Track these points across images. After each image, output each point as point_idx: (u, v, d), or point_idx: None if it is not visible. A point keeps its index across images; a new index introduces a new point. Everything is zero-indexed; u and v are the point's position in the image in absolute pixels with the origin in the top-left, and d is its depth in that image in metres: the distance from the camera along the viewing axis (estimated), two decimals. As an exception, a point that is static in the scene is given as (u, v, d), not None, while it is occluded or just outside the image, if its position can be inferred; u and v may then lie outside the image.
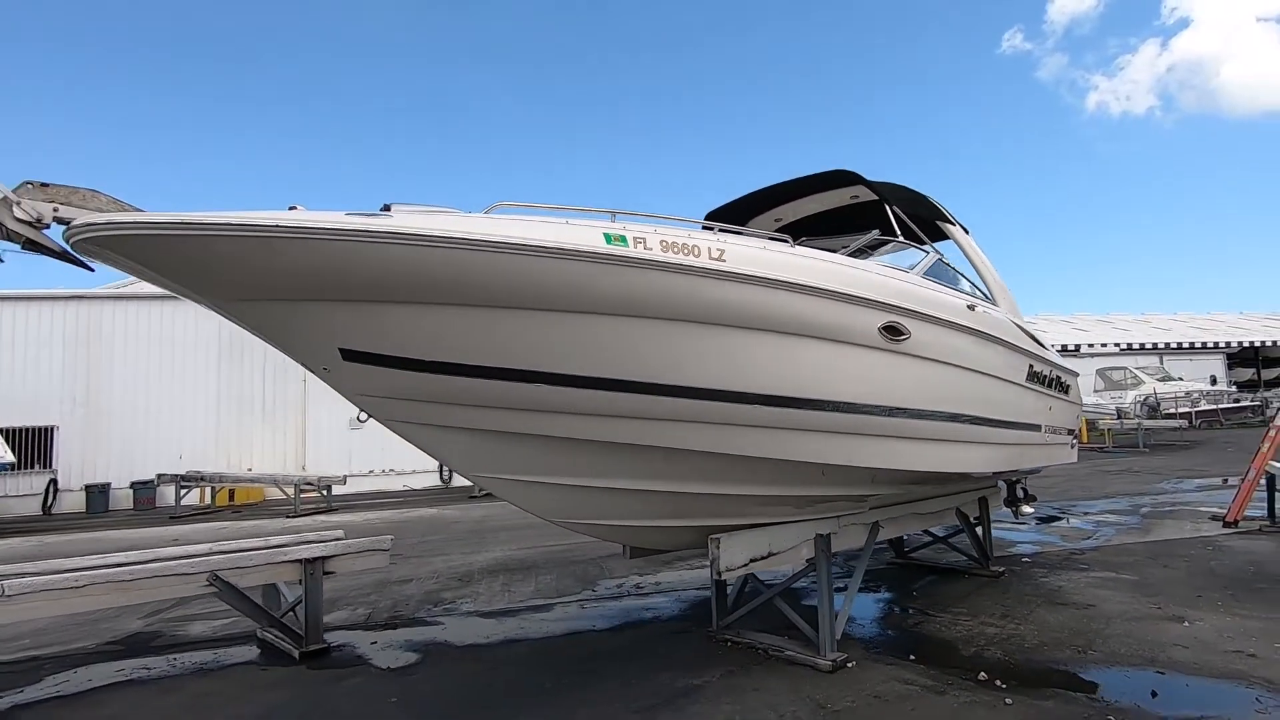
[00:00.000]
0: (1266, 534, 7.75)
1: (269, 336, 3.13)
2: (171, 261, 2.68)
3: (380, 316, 2.94)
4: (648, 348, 3.21)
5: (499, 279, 2.88)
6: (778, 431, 3.62)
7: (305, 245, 2.64)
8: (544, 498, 3.66)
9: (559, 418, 3.30)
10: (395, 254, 2.73)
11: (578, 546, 8.98)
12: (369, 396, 3.28)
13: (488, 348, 3.05)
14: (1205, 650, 4.37)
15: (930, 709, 3.71)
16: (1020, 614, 5.28)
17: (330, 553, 5.25)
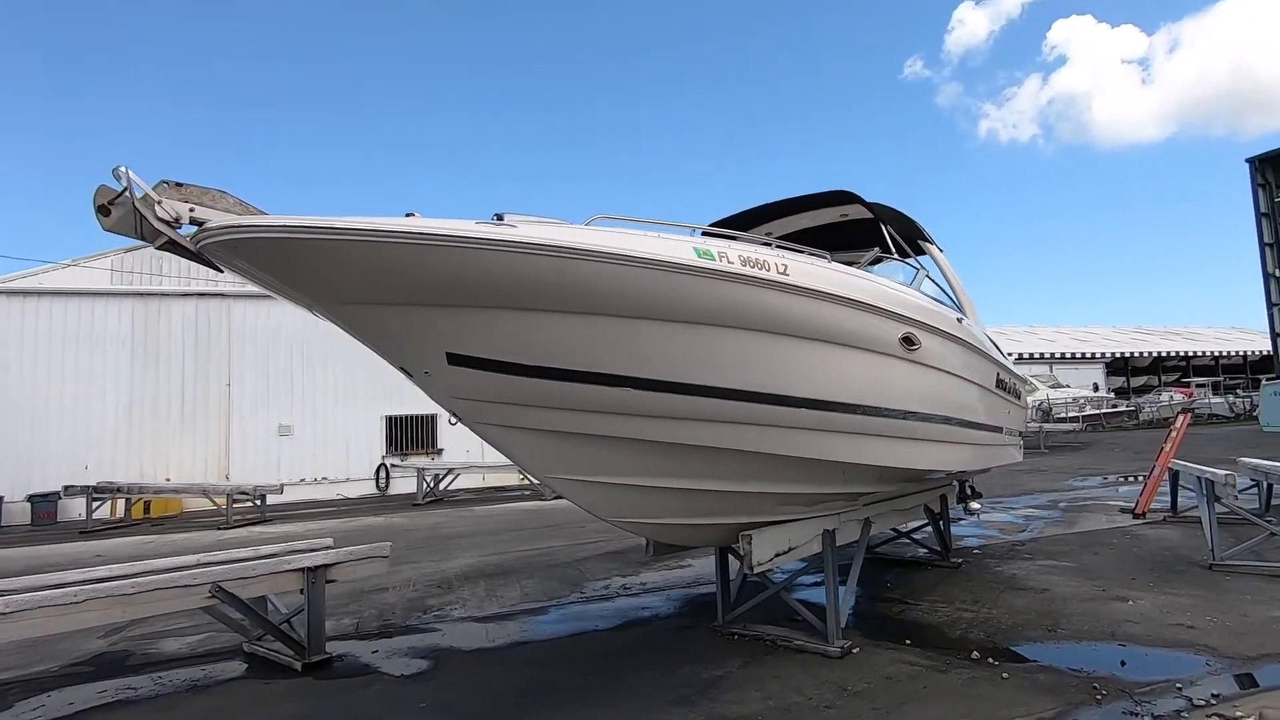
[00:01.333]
0: (1171, 524, 8.75)
1: (369, 338, 3.15)
2: (301, 266, 2.66)
3: (492, 322, 3.00)
4: (721, 355, 3.41)
5: (605, 287, 3.01)
6: (816, 433, 3.90)
7: (442, 253, 2.68)
8: (606, 497, 3.78)
9: (636, 420, 3.45)
10: (522, 262, 2.81)
11: (550, 551, 9.04)
12: (465, 399, 3.32)
13: (584, 353, 3.17)
14: (1153, 625, 4.99)
15: (940, 686, 4.08)
16: (989, 599, 5.81)
17: (333, 560, 5.14)
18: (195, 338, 17.29)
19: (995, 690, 3.98)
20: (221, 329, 17.50)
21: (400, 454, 18.22)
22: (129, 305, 16.98)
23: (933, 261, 6.03)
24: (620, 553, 8.71)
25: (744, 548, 4.22)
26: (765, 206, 5.67)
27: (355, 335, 3.19)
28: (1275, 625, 4.86)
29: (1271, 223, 27.99)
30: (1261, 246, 28.24)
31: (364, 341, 3.23)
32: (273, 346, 17.71)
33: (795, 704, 3.91)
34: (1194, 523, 8.55)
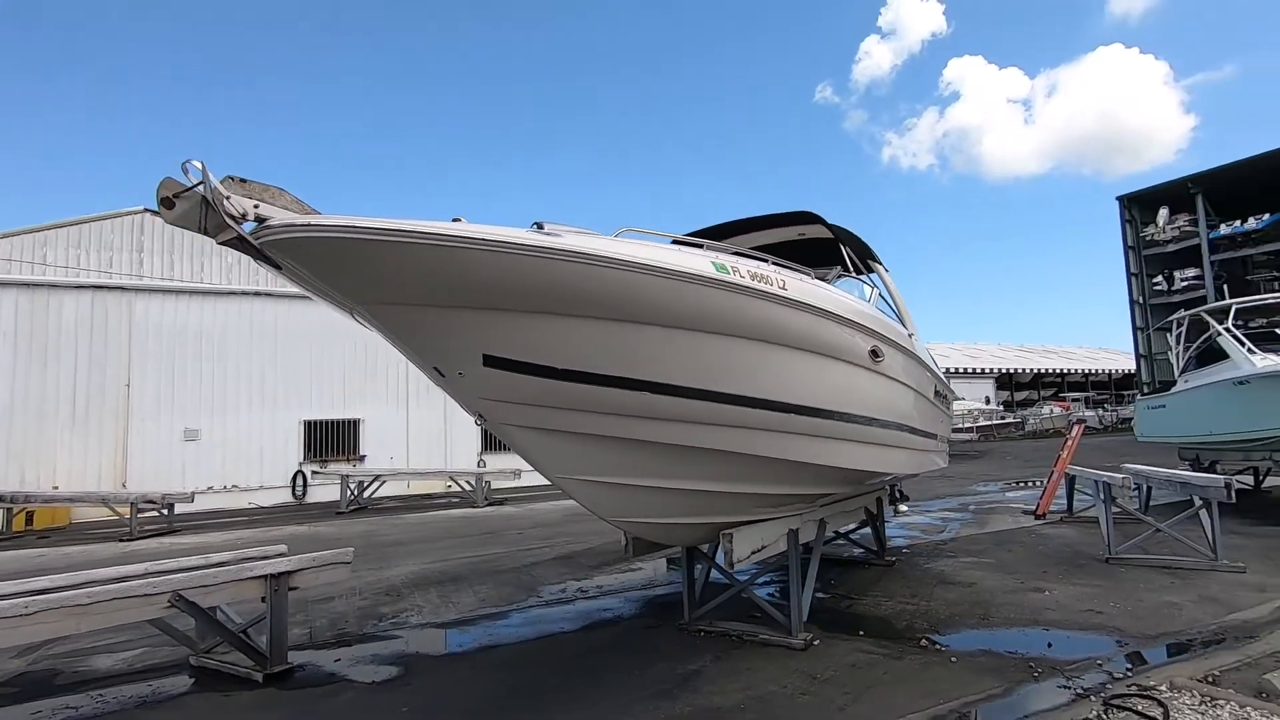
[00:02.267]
0: (1068, 523, 9.70)
1: (407, 338, 3.15)
2: (364, 267, 2.66)
3: (531, 327, 3.07)
4: (728, 362, 3.62)
5: (635, 295, 3.15)
6: (801, 437, 4.18)
7: (499, 258, 2.74)
8: (612, 497, 3.90)
9: (650, 423, 3.59)
10: (569, 270, 2.91)
11: (496, 557, 8.98)
12: (493, 401, 3.35)
13: (610, 357, 3.29)
14: (1068, 612, 5.58)
15: (899, 671, 4.44)
16: (925, 593, 6.30)
17: (296, 566, 4.99)
18: (90, 333, 15.90)
19: (947, 673, 4.38)
20: (121, 325, 16.19)
21: (320, 460, 17.42)
22: (11, 296, 15.44)
23: (880, 280, 6.52)
24: (568, 558, 8.78)
25: (725, 545, 4.44)
26: (733, 223, 5.97)
27: (393, 336, 3.20)
28: (1166, 609, 5.56)
29: (1137, 255, 31.16)
30: (1128, 276, 31.39)
31: (400, 341, 3.23)
32: (180, 344, 16.54)
33: (771, 693, 4.16)
34: (1088, 522, 9.52)
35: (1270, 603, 5.64)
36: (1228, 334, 10.31)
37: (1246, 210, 28.52)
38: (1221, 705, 3.63)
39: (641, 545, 5.26)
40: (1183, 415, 11.62)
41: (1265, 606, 5.54)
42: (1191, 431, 11.43)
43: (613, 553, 9.00)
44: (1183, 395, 11.66)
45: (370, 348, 18.45)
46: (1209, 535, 6.93)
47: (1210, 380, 10.60)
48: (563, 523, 11.92)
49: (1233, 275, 29.90)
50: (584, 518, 12.36)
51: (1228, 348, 10.25)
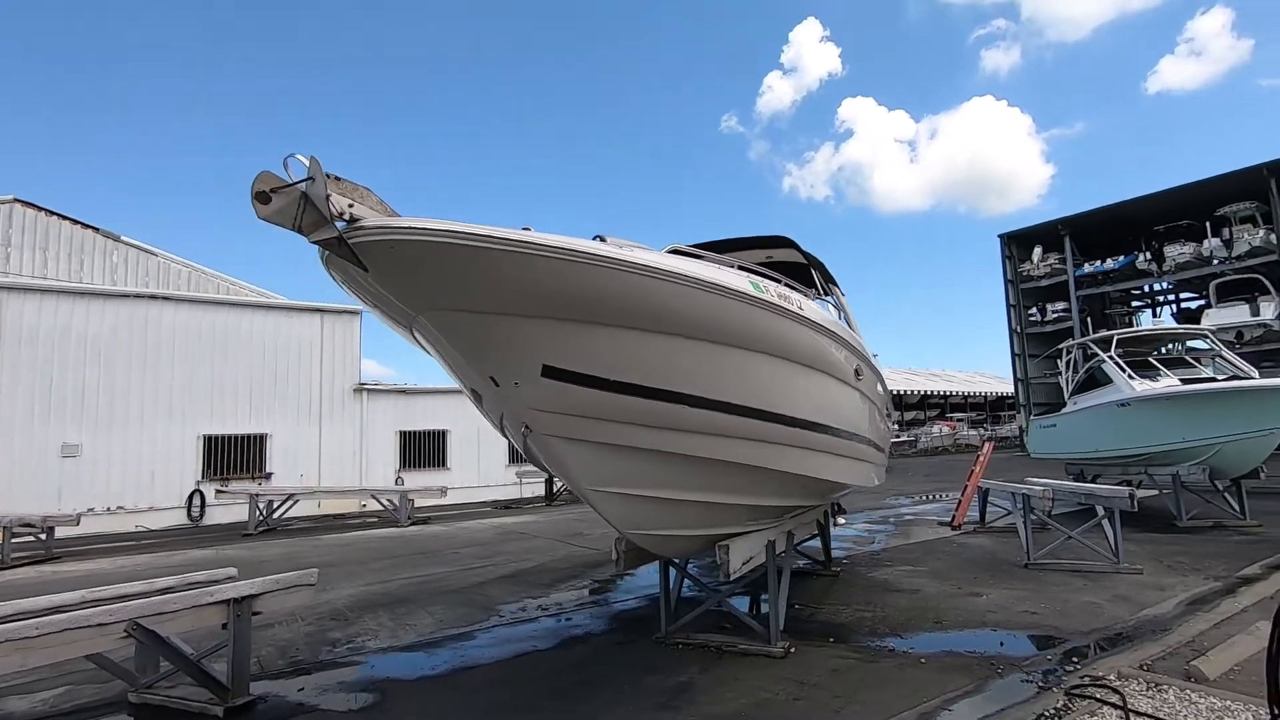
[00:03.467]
0: (981, 533, 10.51)
1: (469, 347, 3.05)
2: (452, 272, 2.57)
3: (592, 338, 3.05)
4: (753, 377, 3.74)
5: (687, 310, 3.21)
6: (802, 451, 4.37)
7: (582, 269, 2.72)
8: (636, 510, 3.90)
9: (683, 436, 3.64)
10: (638, 284, 2.92)
11: (440, 577, 8.67)
12: (544, 412, 3.29)
13: (653, 369, 3.32)
14: (1008, 613, 6.07)
15: (877, 674, 4.69)
16: (878, 601, 6.66)
17: (260, 590, 4.66)
18: (-51, 336, 14.08)
19: (921, 674, 4.67)
20: (-13, 327, 14.43)
21: (220, 479, 16.11)
22: None
23: (840, 303, 6.91)
24: (516, 576, 8.60)
25: (722, 556, 4.55)
26: (711, 243, 6.16)
27: (459, 345, 3.10)
28: (1090, 608, 6.15)
29: (1015, 288, 34.39)
30: (1008, 307, 34.57)
31: (464, 351, 3.15)
32: (59, 350, 14.90)
33: (767, 700, 4.29)
34: (1000, 532, 10.36)
35: (1171, 599, 6.36)
36: (1111, 362, 11.59)
37: (1105, 252, 32.18)
38: (1165, 689, 4.09)
39: (633, 558, 5.27)
40: (1071, 434, 12.90)
41: (1168, 603, 6.25)
42: (1079, 448, 12.71)
43: (562, 569, 8.92)
44: (1072, 416, 12.96)
45: (281, 358, 17.39)
46: (1111, 542, 7.72)
47: (1096, 403, 11.85)
48: (497, 541, 11.66)
49: (1094, 309, 33.61)
50: (519, 536, 12.18)
51: (1111, 374, 11.51)
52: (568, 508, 17.09)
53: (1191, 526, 10.13)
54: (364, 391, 18.28)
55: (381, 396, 18.67)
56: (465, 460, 19.59)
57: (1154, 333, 12.80)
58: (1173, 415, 10.18)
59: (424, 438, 19.20)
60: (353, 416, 17.92)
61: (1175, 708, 3.84)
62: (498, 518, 15.33)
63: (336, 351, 18.06)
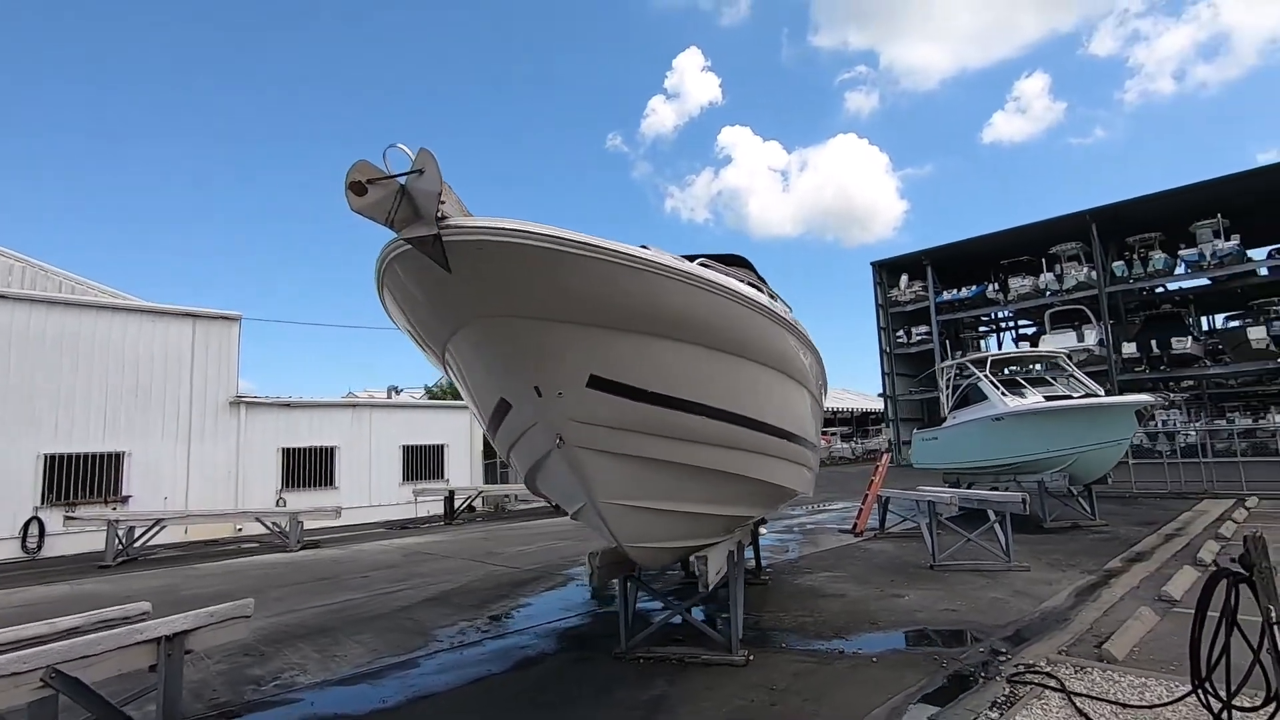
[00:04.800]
0: (881, 539, 11.26)
1: (524, 356, 2.90)
2: (537, 278, 2.42)
3: (640, 348, 2.98)
4: (761, 390, 3.81)
5: (725, 323, 3.23)
6: (776, 460, 4.50)
7: (649, 278, 2.65)
8: (644, 522, 3.84)
9: (699, 448, 3.63)
10: (693, 295, 2.90)
11: (354, 604, 8.10)
12: (581, 423, 3.15)
13: (683, 381, 3.29)
14: (932, 611, 6.56)
15: (837, 675, 4.92)
16: (812, 606, 6.97)
17: (192, 625, 4.17)
18: None
19: (876, 672, 4.95)
20: None
21: (66, 503, 14.08)
22: None
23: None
24: (440, 599, 8.20)
25: (700, 568, 4.61)
26: None
27: (511, 350, 2.94)
28: (998, 603, 6.78)
29: (885, 312, 37.30)
30: (879, 329, 37.42)
31: (512, 357, 2.98)
32: None
33: (745, 707, 4.39)
34: (898, 537, 11.15)
35: (1061, 591, 7.14)
36: (987, 380, 12.89)
37: (961, 281, 35.71)
38: (1090, 671, 4.60)
39: (606, 573, 5.20)
40: (950, 446, 14.17)
41: (1060, 595, 7.01)
42: (957, 459, 13.97)
43: (487, 590, 8.61)
44: (952, 430, 14.24)
45: (144, 367, 15.58)
46: (1003, 543, 8.55)
47: (973, 418, 13.11)
48: (407, 563, 11.06)
49: (951, 333, 37.16)
50: (428, 557, 11.61)
51: (987, 392, 12.80)
52: (469, 526, 16.51)
53: (1055, 527, 11.40)
54: (242, 405, 16.71)
55: (262, 411, 17.17)
56: (355, 479, 18.40)
57: (1021, 355, 14.41)
58: (1039, 429, 11.48)
59: (309, 455, 17.84)
60: (228, 432, 16.32)
61: (1103, 686, 4.32)
62: (397, 539, 14.51)
63: (210, 361, 16.40)
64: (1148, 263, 29.61)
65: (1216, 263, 28.43)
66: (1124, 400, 10.93)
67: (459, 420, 20.82)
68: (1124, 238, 30.34)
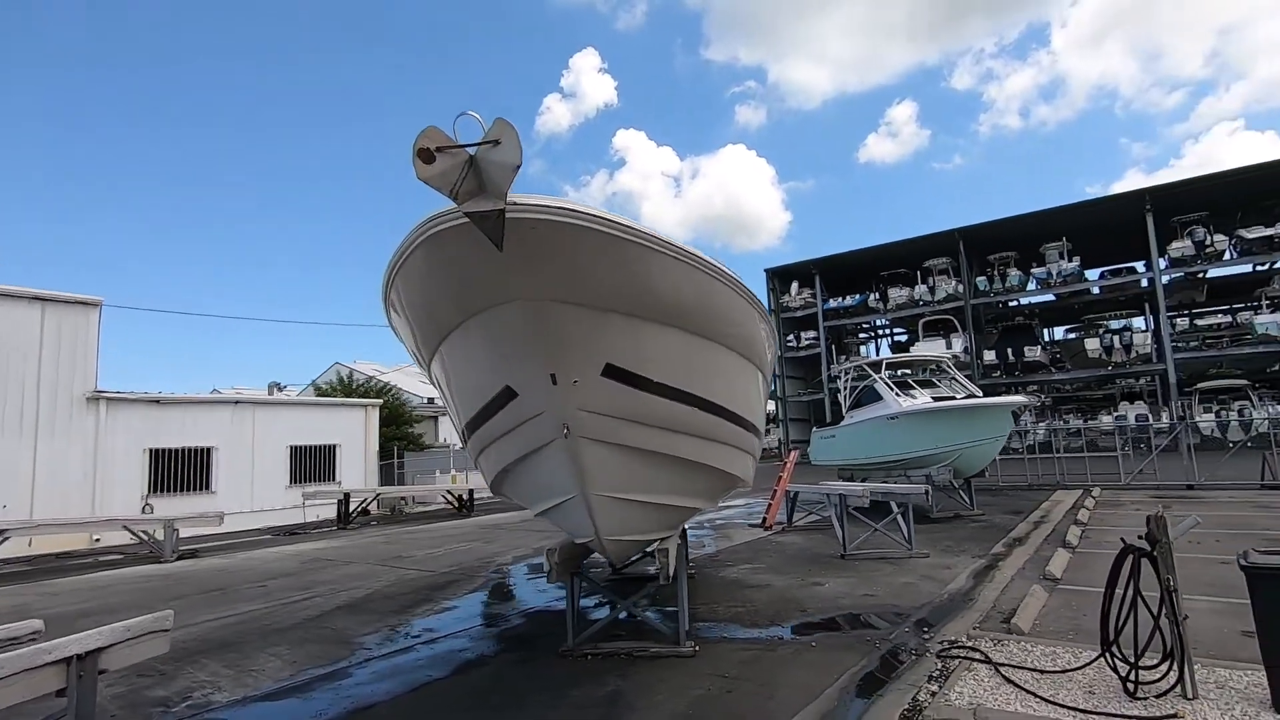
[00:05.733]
0: (789, 532, 11.78)
1: (549, 341, 2.75)
2: (572, 258, 2.29)
3: (649, 336, 2.90)
4: (731, 377, 3.85)
5: (727, 313, 3.22)
6: (735, 450, 4.60)
7: (684, 268, 2.60)
8: (626, 515, 3.79)
9: (686, 439, 3.61)
10: (706, 285, 2.86)
11: (257, 615, 7.51)
12: (590, 413, 3.02)
13: (683, 372, 3.26)
14: (854, 598, 6.96)
15: (783, 660, 5.12)
16: (741, 598, 7.19)
17: (106, 642, 3.72)
18: None
19: (818, 656, 5.19)
20: None
21: (-126, 514, 11.99)
22: None
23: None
24: (354, 606, 7.75)
25: (661, 560, 4.64)
26: None
27: (535, 335, 2.78)
28: (910, 587, 7.29)
29: (777, 317, 39.03)
30: (771, 333, 39.10)
31: (534, 343, 2.84)
32: None
33: (702, 697, 4.47)
34: (805, 530, 11.72)
35: (960, 575, 7.79)
36: (882, 382, 13.82)
37: (846, 290, 38.04)
38: (1005, 643, 5.06)
39: (563, 568, 5.09)
40: (848, 443, 15.07)
41: (960, 578, 7.64)
42: (854, 455, 14.88)
43: (403, 594, 8.23)
44: (849, 428, 15.14)
45: (-21, 357, 13.59)
46: (905, 532, 9.20)
47: (870, 417, 14.01)
48: (306, 571, 10.35)
49: (838, 339, 39.50)
50: (329, 563, 10.93)
51: (882, 392, 13.72)
52: (366, 531, 15.67)
53: (940, 518, 12.39)
54: (101, 400, 14.93)
55: (126, 407, 15.42)
56: (235, 482, 16.94)
57: (912, 359, 15.57)
58: (929, 426, 12.46)
59: (182, 456, 16.23)
60: (84, 431, 14.54)
61: (1020, 656, 4.77)
62: (289, 545, 13.52)
63: (63, 351, 14.52)
64: (1005, 279, 32.83)
65: (1061, 281, 31.98)
66: (1003, 401, 12.12)
67: (352, 419, 19.72)
68: (986, 255, 33.50)
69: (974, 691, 4.20)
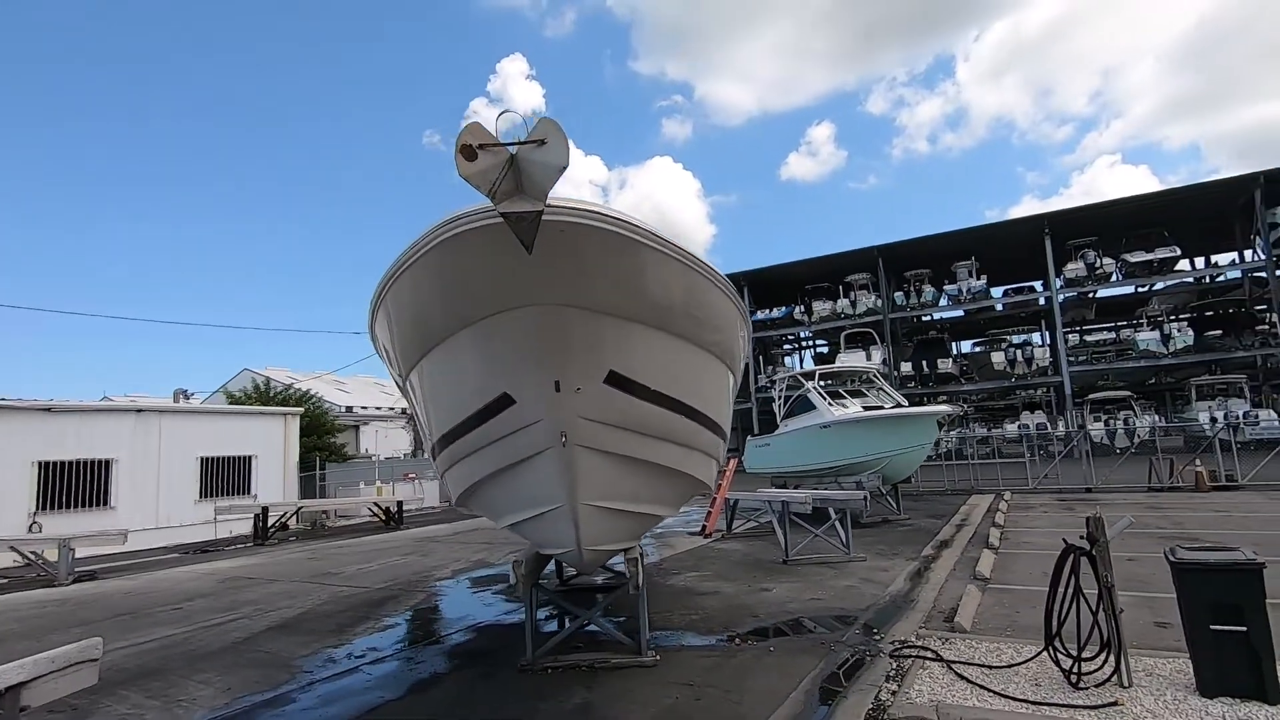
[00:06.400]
0: (729, 539, 11.96)
1: (561, 347, 2.61)
2: (599, 263, 2.20)
3: (648, 342, 2.85)
4: (713, 383, 3.85)
5: (719, 321, 3.21)
6: (704, 456, 4.60)
7: (694, 277, 2.56)
8: (606, 524, 3.71)
9: (668, 447, 3.57)
10: (699, 284, 2.84)
11: (179, 640, 7.00)
12: (589, 421, 2.92)
13: (675, 379, 3.22)
14: (802, 602, 7.13)
15: (745, 665, 5.18)
16: (693, 605, 7.24)
17: (30, 675, 3.37)
18: None
19: (776, 659, 5.29)
20: None
21: None
22: None
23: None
24: (286, 626, 7.33)
25: (631, 570, 4.60)
26: None
27: (539, 340, 2.68)
28: (852, 590, 7.54)
29: (706, 328, 39.70)
30: (700, 343, 39.69)
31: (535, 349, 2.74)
32: None
33: (673, 705, 4.48)
34: (744, 537, 11.92)
35: (898, 577, 8.11)
36: (815, 391, 14.28)
37: (773, 302, 39.13)
38: (953, 641, 5.31)
39: (529, 580, 4.96)
40: (782, 452, 15.45)
41: (898, 581, 7.96)
42: (788, 463, 15.27)
43: (339, 613, 7.85)
44: (783, 437, 15.54)
45: None
46: (843, 537, 9.51)
47: (803, 426, 14.43)
48: (226, 591, 9.70)
49: (766, 350, 40.51)
50: (251, 582, 10.29)
51: (815, 402, 14.17)
52: (287, 547, 14.84)
53: (870, 523, 12.88)
54: (-18, 409, 13.54)
55: (9, 416, 14.02)
56: (138, 497, 15.67)
57: (842, 369, 16.17)
58: (860, 435, 12.96)
59: (76, 469, 14.88)
60: (-40, 441, 13.14)
61: (969, 653, 5.01)
62: (203, 564, 12.62)
63: (-63, 353, 13.09)
64: (921, 294, 34.63)
65: (969, 298, 34.01)
66: (929, 410, 12.76)
67: (270, 428, 18.66)
68: (903, 272, 35.25)
69: (932, 689, 4.39)
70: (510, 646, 5.99)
